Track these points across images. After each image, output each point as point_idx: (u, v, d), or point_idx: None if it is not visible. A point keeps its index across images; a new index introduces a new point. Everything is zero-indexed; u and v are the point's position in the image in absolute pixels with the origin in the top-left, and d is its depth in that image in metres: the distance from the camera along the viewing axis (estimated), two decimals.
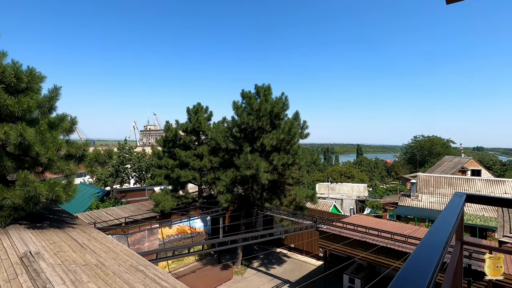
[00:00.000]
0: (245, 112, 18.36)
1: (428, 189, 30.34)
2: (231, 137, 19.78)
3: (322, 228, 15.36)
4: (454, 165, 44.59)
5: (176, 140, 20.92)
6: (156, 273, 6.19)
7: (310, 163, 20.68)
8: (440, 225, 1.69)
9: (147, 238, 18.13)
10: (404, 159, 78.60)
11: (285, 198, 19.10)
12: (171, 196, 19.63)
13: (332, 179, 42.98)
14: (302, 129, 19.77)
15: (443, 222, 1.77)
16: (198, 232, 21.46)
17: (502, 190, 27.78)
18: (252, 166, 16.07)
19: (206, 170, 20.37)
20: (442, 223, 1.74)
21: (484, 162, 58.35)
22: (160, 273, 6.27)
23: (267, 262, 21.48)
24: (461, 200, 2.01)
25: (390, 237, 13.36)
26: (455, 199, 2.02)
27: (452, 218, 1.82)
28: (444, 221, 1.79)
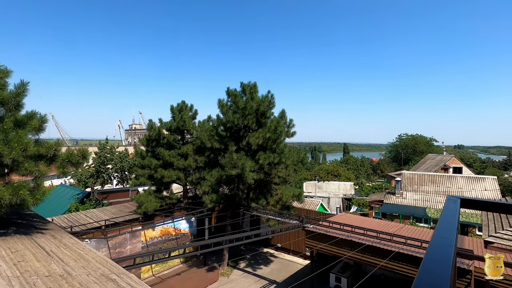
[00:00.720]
0: (230, 110, 17.98)
1: (412, 186, 30.90)
2: (217, 136, 19.35)
3: (308, 228, 15.21)
4: (437, 163, 45.76)
5: (159, 139, 20.29)
6: (130, 282, 5.76)
7: (297, 162, 20.53)
8: (441, 240, 1.43)
9: (129, 241, 17.48)
10: (389, 157, 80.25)
11: (272, 197, 18.87)
12: (155, 197, 19.01)
13: (320, 178, 43.20)
14: (289, 127, 19.57)
15: (444, 235, 1.50)
16: (183, 234, 20.94)
17: (482, 186, 28.62)
18: (238, 165, 15.72)
19: (191, 170, 19.86)
20: (443, 237, 1.48)
21: (465, 159, 60.27)
22: (134, 282, 5.83)
23: (254, 262, 21.21)
24: (456, 206, 1.75)
25: (376, 235, 13.35)
26: (449, 205, 1.77)
27: (452, 230, 1.55)
28: (445, 234, 1.52)
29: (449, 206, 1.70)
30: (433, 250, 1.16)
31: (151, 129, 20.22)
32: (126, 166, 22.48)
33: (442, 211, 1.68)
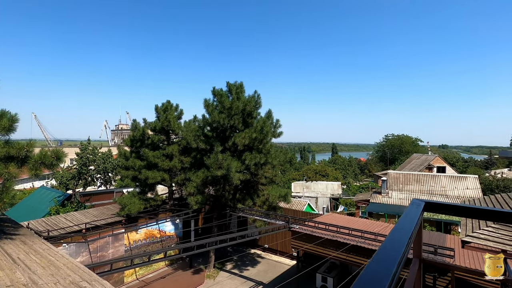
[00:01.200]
0: (216, 110, 17.75)
1: (398, 186, 31.42)
2: (203, 136, 19.10)
3: (294, 228, 15.16)
4: (421, 162, 46.76)
5: (144, 140, 19.85)
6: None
7: (284, 162, 20.48)
8: (393, 240, 1.36)
9: (111, 244, 16.98)
10: (376, 157, 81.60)
11: (258, 198, 18.75)
12: (139, 198, 18.55)
13: (308, 178, 43.42)
14: (275, 127, 19.49)
15: (398, 236, 1.43)
16: (169, 236, 20.54)
17: (464, 185, 29.37)
18: (223, 166, 15.52)
19: (176, 170, 19.50)
20: (397, 237, 1.40)
21: (448, 159, 61.88)
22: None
23: (241, 264, 21.03)
24: (419, 210, 1.64)
25: (361, 235, 13.41)
26: (412, 208, 1.66)
27: (407, 232, 1.45)
28: (399, 234, 1.44)
29: (411, 210, 1.60)
30: (381, 252, 1.12)
31: (135, 129, 19.77)
32: (109, 167, 21.87)
33: (403, 214, 1.57)
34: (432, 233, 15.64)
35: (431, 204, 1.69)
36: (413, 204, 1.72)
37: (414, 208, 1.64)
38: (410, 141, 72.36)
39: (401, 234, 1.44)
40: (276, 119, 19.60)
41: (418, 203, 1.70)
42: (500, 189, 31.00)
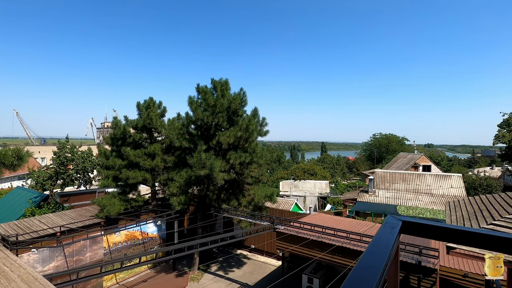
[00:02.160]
0: (200, 108, 17.18)
1: (384, 184, 31.61)
2: (188, 134, 18.51)
3: (279, 229, 14.81)
4: (408, 161, 47.37)
5: (125, 138, 19.08)
6: None
7: (270, 161, 20.09)
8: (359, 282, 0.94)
9: (89, 247, 16.21)
10: (364, 155, 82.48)
11: (244, 198, 18.31)
12: (119, 199, 17.81)
13: (296, 177, 43.27)
14: (261, 126, 19.06)
15: (365, 274, 1.01)
16: (151, 238, 19.86)
17: (448, 184, 29.79)
18: (206, 165, 15.00)
19: (159, 170, 18.82)
20: (363, 276, 0.98)
21: (433, 158, 63.05)
22: None
23: (227, 265, 20.57)
24: (394, 233, 1.23)
25: (346, 236, 13.17)
26: (385, 230, 1.25)
27: (377, 268, 1.05)
28: (366, 272, 1.02)
29: (384, 233, 1.19)
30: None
31: (116, 127, 18.97)
32: (89, 167, 20.94)
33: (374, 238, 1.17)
34: None
35: (410, 224, 1.29)
36: (386, 224, 1.32)
37: (387, 230, 1.23)
38: (397, 140, 73.44)
39: (369, 272, 1.01)
40: (262, 117, 19.18)
41: (394, 222, 1.30)
42: (483, 187, 31.62)
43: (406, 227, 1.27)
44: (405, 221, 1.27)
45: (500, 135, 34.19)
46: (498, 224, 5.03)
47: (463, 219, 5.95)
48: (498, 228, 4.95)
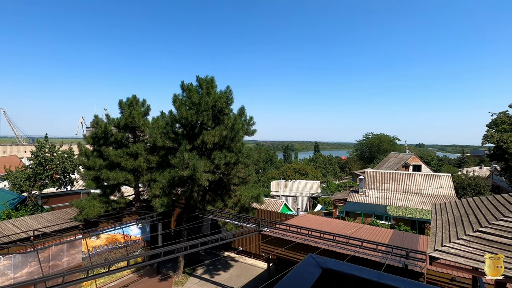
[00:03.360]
0: (184, 106, 16.57)
1: (375, 184, 31.44)
2: (173, 133, 17.87)
3: (265, 232, 14.33)
4: (398, 161, 47.49)
5: (107, 137, 18.34)
6: None
7: (258, 161, 19.61)
8: None
9: (66, 252, 15.46)
10: (356, 155, 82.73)
11: (230, 199, 17.78)
12: (99, 201, 17.10)
13: (287, 177, 42.90)
14: (248, 125, 18.57)
15: None
16: (134, 241, 19.18)
17: (438, 184, 29.78)
18: (189, 165, 14.42)
19: (142, 170, 18.14)
20: None
21: (424, 158, 63.52)
22: None
23: (213, 268, 20.02)
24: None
25: (332, 238, 12.77)
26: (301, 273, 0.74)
27: None
28: None
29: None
30: None
31: (97, 126, 18.23)
32: (69, 167, 20.10)
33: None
34: (405, 234, 15.31)
35: (329, 272, 0.80)
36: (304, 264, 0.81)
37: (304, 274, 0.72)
38: (388, 140, 73.83)
39: None
40: (249, 116, 18.69)
41: (311, 271, 0.80)
42: (471, 187, 31.74)
43: (326, 276, 0.79)
44: (326, 268, 0.78)
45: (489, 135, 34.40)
46: (485, 231, 4.65)
47: (448, 224, 5.57)
48: (485, 236, 4.57)
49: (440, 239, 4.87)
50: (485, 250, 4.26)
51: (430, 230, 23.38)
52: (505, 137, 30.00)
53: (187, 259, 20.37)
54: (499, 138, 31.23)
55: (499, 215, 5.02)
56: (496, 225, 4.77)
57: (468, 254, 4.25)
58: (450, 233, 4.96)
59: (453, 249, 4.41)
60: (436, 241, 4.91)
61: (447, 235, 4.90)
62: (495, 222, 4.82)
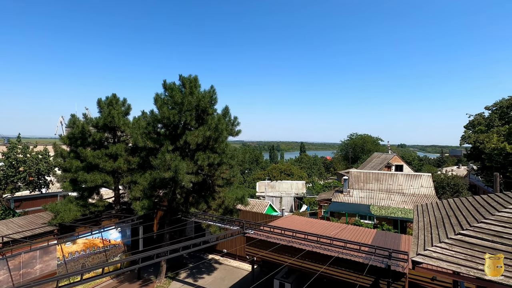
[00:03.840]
0: (166, 105, 16.07)
1: (359, 184, 31.89)
2: (155, 134, 17.31)
3: (249, 234, 14.09)
4: (381, 161, 48.50)
5: (85, 137, 17.55)
6: None
7: (243, 162, 19.35)
8: None
9: (39, 259, 14.63)
10: (341, 155, 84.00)
11: (214, 201, 17.41)
12: (76, 204, 16.32)
13: (273, 177, 42.86)
14: (233, 125, 18.30)
15: None
16: (114, 245, 18.46)
17: (419, 183, 30.56)
18: (171, 167, 13.96)
19: (122, 172, 17.47)
20: None
21: (405, 158, 65.23)
22: None
23: (197, 271, 19.57)
24: None
25: (317, 240, 12.70)
26: None
27: None
28: None
29: None
30: None
31: (74, 126, 17.41)
32: (44, 169, 19.07)
33: None
34: (388, 234, 15.49)
35: None
36: None
37: None
38: (372, 140, 75.38)
39: None
40: (234, 116, 18.43)
41: None
42: (450, 187, 32.78)
43: None
44: None
45: (466, 136, 35.71)
46: (466, 234, 4.63)
47: (430, 226, 5.55)
48: (467, 239, 4.54)
49: (423, 243, 4.81)
50: (466, 253, 4.23)
51: (412, 229, 23.87)
52: (481, 138, 31.18)
53: (170, 263, 19.83)
54: (475, 139, 32.44)
55: (479, 217, 5.03)
56: (477, 227, 4.76)
57: (450, 258, 4.20)
58: (432, 236, 4.92)
59: (436, 253, 4.35)
60: (418, 245, 4.85)
61: (429, 238, 4.85)
62: (476, 225, 4.82)
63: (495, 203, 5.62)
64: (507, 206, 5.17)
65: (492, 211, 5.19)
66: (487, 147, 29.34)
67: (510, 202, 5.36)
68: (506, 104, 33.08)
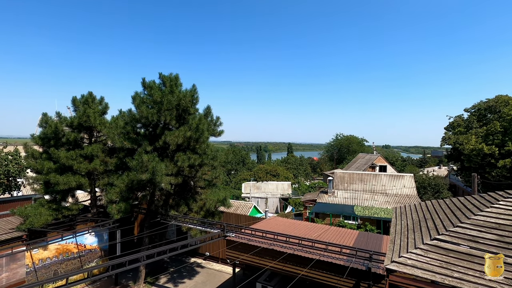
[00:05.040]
0: (144, 104, 15.48)
1: (343, 185, 32.08)
2: (134, 134, 16.65)
3: (230, 237, 13.72)
4: (366, 161, 49.17)
5: (59, 137, 16.67)
6: None
7: (226, 163, 18.97)
8: None
9: (5, 266, 13.73)
10: (327, 156, 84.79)
11: (195, 203, 16.92)
12: (48, 208, 15.46)
13: (258, 178, 42.60)
14: (215, 125, 17.91)
15: None
16: (90, 250, 17.64)
17: (402, 184, 31.05)
18: (149, 168, 13.41)
19: (98, 174, 16.72)
20: None
21: (389, 158, 66.52)
22: None
23: (178, 275, 19.01)
24: None
25: (298, 242, 12.48)
26: None
27: None
28: None
29: None
30: None
31: (46, 125, 16.53)
32: (14, 171, 18.02)
33: None
34: (370, 235, 15.48)
35: None
36: None
37: None
38: (357, 141, 76.45)
39: None
40: (216, 116, 18.07)
41: None
42: (431, 186, 33.50)
43: None
44: None
45: (447, 137, 36.61)
46: (442, 239, 4.48)
47: (407, 230, 5.40)
48: (442, 244, 4.39)
49: (398, 248, 4.62)
50: (442, 260, 4.06)
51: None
52: (461, 139, 32.03)
53: (149, 267, 19.17)
54: (455, 140, 33.29)
55: (456, 221, 4.90)
56: (453, 232, 4.62)
57: (425, 265, 4.02)
58: (408, 240, 4.75)
59: (410, 259, 4.16)
60: (394, 251, 4.66)
61: (405, 243, 4.68)
62: (452, 229, 4.68)
63: (471, 205, 5.53)
64: (483, 209, 5.08)
65: (468, 214, 5.08)
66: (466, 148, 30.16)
67: (486, 205, 5.28)
68: (484, 106, 34.15)
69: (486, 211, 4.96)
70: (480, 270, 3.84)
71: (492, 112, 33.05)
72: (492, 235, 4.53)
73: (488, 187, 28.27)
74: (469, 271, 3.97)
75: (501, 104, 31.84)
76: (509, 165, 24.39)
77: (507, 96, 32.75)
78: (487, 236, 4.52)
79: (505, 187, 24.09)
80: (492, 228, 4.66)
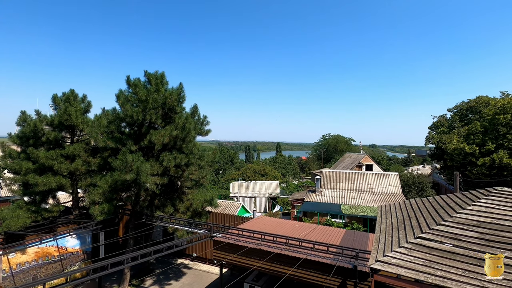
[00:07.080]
0: (129, 103, 15.07)
1: (331, 184, 32.39)
2: (118, 133, 16.19)
3: (216, 238, 13.55)
4: (353, 160, 49.88)
5: (38, 137, 16.03)
6: None
7: (213, 162, 18.75)
8: None
9: None
10: (315, 155, 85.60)
11: (182, 204, 16.64)
12: (26, 210, 14.83)
13: (247, 177, 42.48)
14: (202, 124, 17.70)
15: None
16: (72, 253, 17.05)
17: (387, 182, 31.62)
18: (133, 168, 13.06)
19: (80, 174, 16.17)
20: None
21: (375, 157, 67.80)
22: None
23: (164, 277, 18.67)
24: None
25: (285, 242, 12.45)
26: None
27: None
28: None
29: None
30: None
31: (24, 124, 15.86)
32: None
33: None
34: (356, 233, 15.65)
35: None
36: None
37: None
38: (344, 140, 77.53)
39: None
40: (203, 115, 17.85)
41: None
42: (416, 185, 34.28)
43: None
44: None
45: (430, 137, 37.57)
46: (425, 237, 4.52)
47: (392, 228, 5.43)
48: (426, 243, 4.43)
49: (383, 247, 4.63)
50: (425, 258, 4.08)
51: None
52: (444, 139, 32.92)
53: (135, 270, 18.76)
54: (439, 139, 34.19)
55: (439, 219, 4.96)
56: (436, 230, 4.66)
57: (409, 264, 4.03)
58: (393, 239, 4.76)
59: (394, 258, 4.16)
60: (378, 249, 4.66)
61: (390, 242, 4.69)
62: (435, 227, 4.72)
63: (453, 203, 5.62)
64: (465, 207, 5.17)
65: (450, 212, 5.15)
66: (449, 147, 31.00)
67: (468, 203, 5.37)
68: (466, 107, 35.23)
69: (467, 209, 5.05)
70: (462, 268, 3.86)
71: (473, 112, 34.14)
72: (474, 232, 4.60)
73: (469, 185, 29.19)
74: (452, 269, 4.01)
75: (482, 105, 32.94)
76: (489, 164, 25.25)
77: (487, 97, 33.92)
78: (469, 234, 4.59)
79: (484, 185, 24.92)
80: (473, 226, 4.74)
